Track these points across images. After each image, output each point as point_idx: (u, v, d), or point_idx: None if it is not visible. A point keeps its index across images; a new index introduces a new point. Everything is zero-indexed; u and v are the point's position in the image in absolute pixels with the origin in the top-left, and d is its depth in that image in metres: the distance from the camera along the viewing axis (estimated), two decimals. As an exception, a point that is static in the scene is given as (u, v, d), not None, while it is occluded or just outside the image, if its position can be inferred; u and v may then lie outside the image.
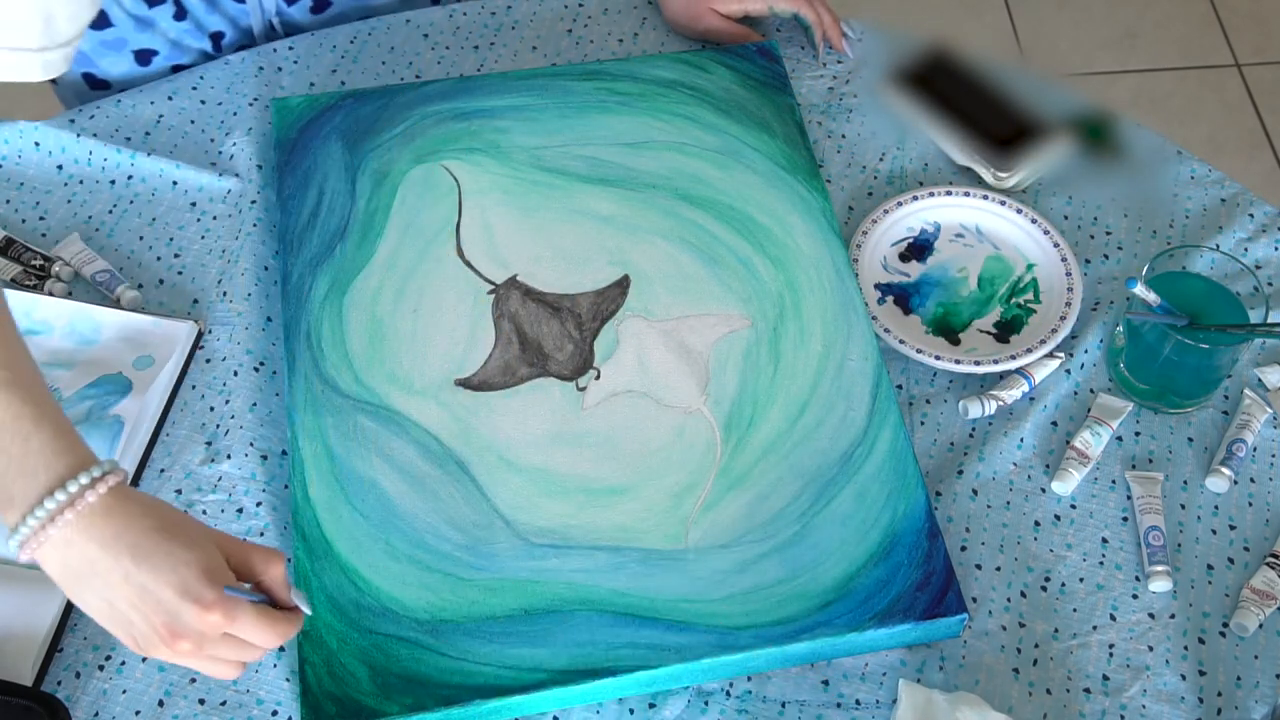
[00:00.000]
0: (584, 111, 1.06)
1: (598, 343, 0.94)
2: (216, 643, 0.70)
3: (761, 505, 0.87)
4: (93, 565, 0.68)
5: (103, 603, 0.69)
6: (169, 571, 0.68)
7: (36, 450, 0.68)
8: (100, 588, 0.68)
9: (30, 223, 1.02)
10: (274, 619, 0.72)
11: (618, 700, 0.83)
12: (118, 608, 0.69)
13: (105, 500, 0.68)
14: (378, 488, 0.87)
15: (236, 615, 0.70)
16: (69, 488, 0.68)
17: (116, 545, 0.68)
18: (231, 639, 0.71)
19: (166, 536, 0.69)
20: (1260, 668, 0.85)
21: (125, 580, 0.68)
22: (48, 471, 0.68)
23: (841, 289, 0.97)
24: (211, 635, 0.70)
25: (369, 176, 1.01)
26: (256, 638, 0.71)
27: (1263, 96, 2.21)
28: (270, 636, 0.72)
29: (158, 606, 0.68)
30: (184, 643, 0.69)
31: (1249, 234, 1.04)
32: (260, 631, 0.71)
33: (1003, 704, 0.83)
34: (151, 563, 0.68)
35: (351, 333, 0.93)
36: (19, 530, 0.68)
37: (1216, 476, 0.92)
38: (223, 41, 1.15)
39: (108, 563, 0.68)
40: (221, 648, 0.71)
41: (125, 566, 0.68)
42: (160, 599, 0.68)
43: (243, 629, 0.70)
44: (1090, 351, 0.98)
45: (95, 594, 0.69)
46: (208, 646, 0.70)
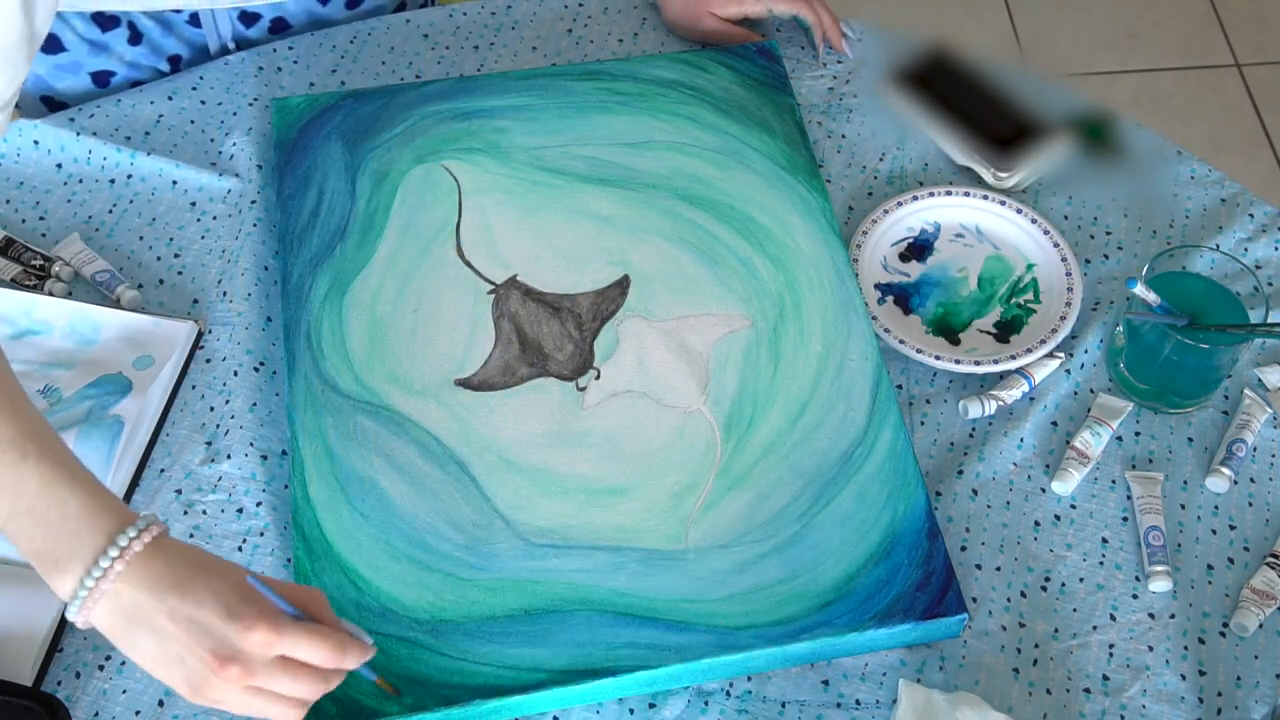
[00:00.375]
0: (584, 111, 1.06)
1: (598, 343, 0.94)
2: (269, 668, 0.68)
3: (761, 505, 0.87)
4: (140, 610, 0.68)
5: (154, 646, 0.68)
6: (210, 598, 0.68)
7: (76, 515, 0.69)
8: (150, 630, 0.68)
9: (30, 222, 1.02)
10: (324, 632, 0.69)
11: (618, 700, 0.83)
12: (168, 648, 0.68)
13: (148, 548, 0.69)
14: (378, 488, 0.87)
15: (282, 629, 0.68)
16: (119, 542, 0.69)
17: (160, 587, 0.68)
18: (286, 663, 0.69)
19: (206, 570, 0.70)
20: (1260, 668, 0.85)
21: (171, 617, 0.68)
22: (94, 533, 0.69)
23: (841, 289, 0.97)
24: (259, 656, 0.68)
25: (369, 176, 1.01)
26: (311, 652, 0.69)
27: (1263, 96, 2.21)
28: (326, 652, 0.69)
29: (203, 635, 0.67)
30: (232, 667, 0.67)
31: (1249, 234, 1.04)
32: (314, 645, 0.68)
33: (1003, 704, 0.83)
34: (195, 595, 0.68)
35: (351, 333, 0.93)
36: (78, 594, 0.68)
37: (1216, 476, 0.92)
38: (180, 64, 1.14)
39: (154, 604, 0.68)
40: (276, 675, 0.68)
41: (171, 604, 0.68)
42: (204, 625, 0.68)
43: (294, 645, 0.68)
44: (1090, 351, 0.98)
45: (146, 637, 0.68)
46: (259, 672, 0.68)
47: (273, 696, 0.69)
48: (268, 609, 0.69)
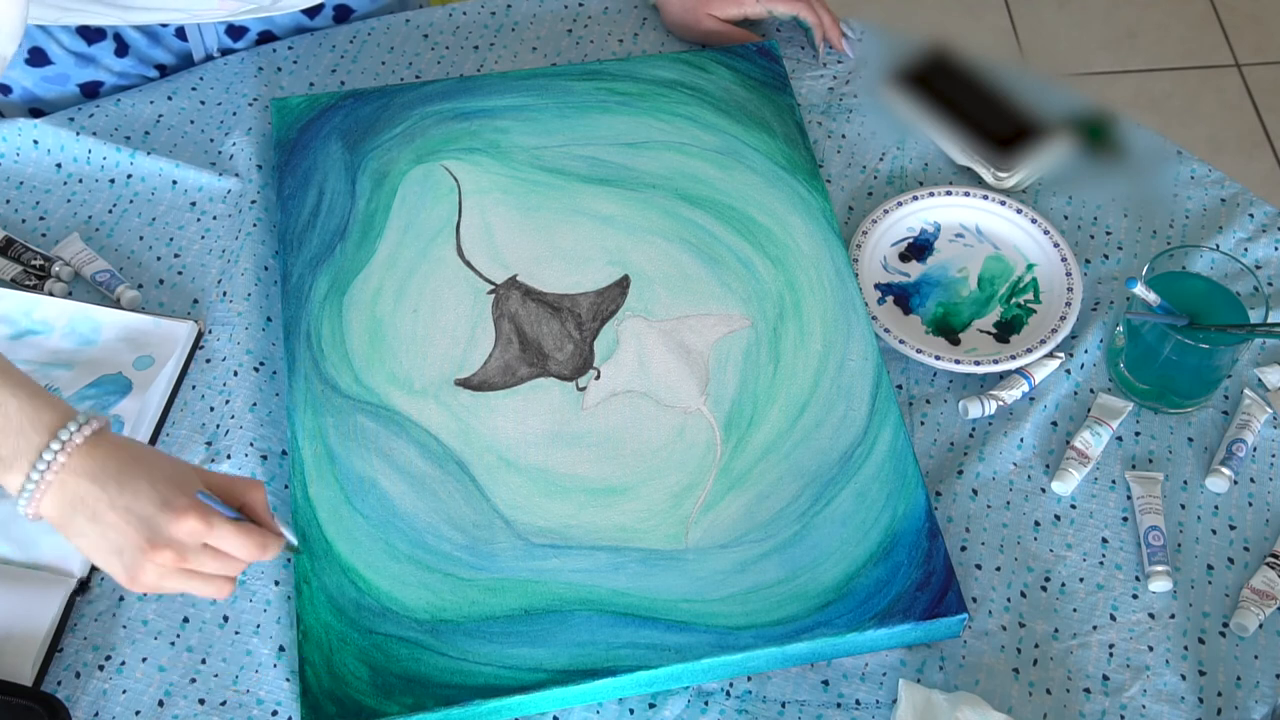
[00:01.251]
0: (584, 111, 1.06)
1: (598, 343, 0.94)
2: (198, 554, 0.73)
3: (761, 505, 0.87)
4: (83, 499, 0.72)
5: (96, 534, 0.72)
6: (147, 488, 0.72)
7: (17, 414, 0.72)
8: (90, 518, 0.72)
9: (30, 222, 1.02)
10: (251, 529, 0.74)
11: (618, 700, 0.83)
12: (108, 536, 0.72)
13: (90, 440, 0.73)
14: (378, 488, 0.87)
15: (212, 521, 0.72)
16: (61, 436, 0.72)
17: (102, 476, 0.72)
18: (212, 551, 0.73)
19: (144, 462, 0.74)
20: (1260, 668, 0.85)
21: (110, 506, 0.72)
22: (37, 430, 0.72)
23: (841, 289, 0.97)
24: (190, 543, 0.72)
25: (369, 176, 1.01)
26: (234, 546, 0.73)
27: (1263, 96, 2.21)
28: (249, 546, 0.73)
29: (138, 523, 0.72)
30: (165, 552, 0.71)
31: (1249, 234, 1.04)
32: (238, 539, 0.73)
33: (1003, 704, 0.83)
34: (132, 485, 0.72)
35: (351, 333, 0.93)
36: (25, 487, 0.72)
37: (1216, 476, 0.92)
38: (167, 72, 1.14)
39: (95, 492, 0.72)
40: (204, 559, 0.73)
41: (110, 493, 0.72)
42: (140, 514, 0.72)
43: (220, 537, 0.73)
44: (1090, 351, 0.98)
45: (88, 525, 0.72)
46: (189, 557, 0.72)
47: (201, 576, 0.74)
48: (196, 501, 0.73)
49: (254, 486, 0.76)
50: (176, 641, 0.84)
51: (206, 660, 0.84)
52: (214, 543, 0.73)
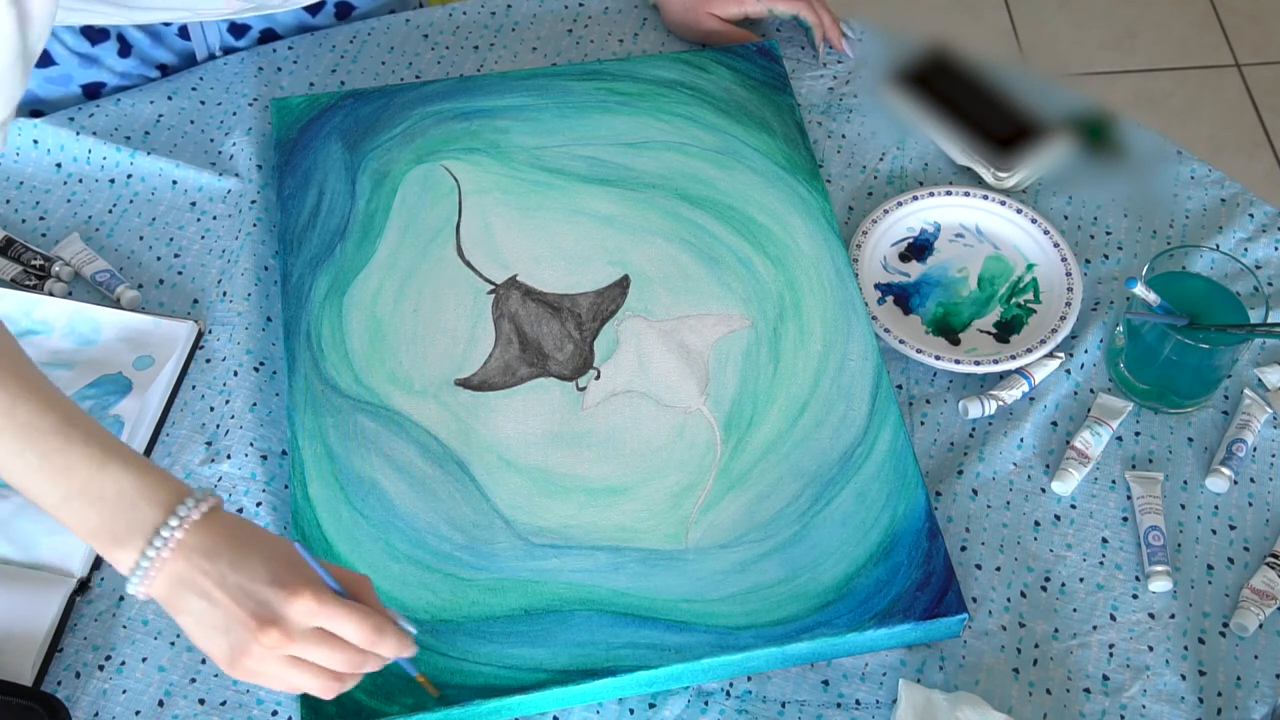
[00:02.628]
0: (584, 111, 1.06)
1: (598, 343, 0.94)
2: (308, 637, 0.70)
3: (761, 505, 0.87)
4: (194, 577, 0.70)
5: (203, 611, 0.70)
6: (261, 567, 0.70)
7: (131, 490, 0.71)
8: (200, 595, 0.70)
9: (30, 222, 1.02)
10: (367, 612, 0.71)
11: (618, 700, 0.83)
12: (214, 615, 0.70)
13: (205, 518, 0.71)
14: (378, 488, 0.87)
15: (324, 599, 0.69)
16: (179, 513, 0.71)
17: (214, 555, 0.70)
18: (323, 637, 0.70)
19: (258, 541, 0.72)
20: (1260, 668, 0.85)
21: (221, 584, 0.70)
22: (152, 506, 0.71)
23: (841, 289, 0.97)
24: (299, 623, 0.69)
25: (369, 176, 1.01)
26: (349, 628, 0.70)
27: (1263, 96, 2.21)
28: (365, 630, 0.70)
29: (248, 599, 0.69)
30: (272, 630, 0.68)
31: (1249, 234, 1.04)
32: (352, 621, 0.70)
33: (1003, 704, 0.83)
34: (246, 564, 0.70)
35: (351, 333, 0.93)
36: (140, 565, 0.70)
37: (1216, 476, 0.92)
38: (168, 72, 1.14)
39: (207, 568, 0.70)
40: (312, 644, 0.70)
41: (222, 571, 0.70)
42: (251, 591, 0.69)
43: (333, 617, 0.70)
44: (1090, 351, 0.98)
45: (197, 602, 0.70)
46: (298, 639, 0.69)
47: (308, 668, 0.71)
48: (313, 580, 0.70)
49: (362, 581, 0.73)
50: (176, 641, 0.84)
51: (206, 660, 0.84)
52: (327, 623, 0.70)
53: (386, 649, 0.71)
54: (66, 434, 0.71)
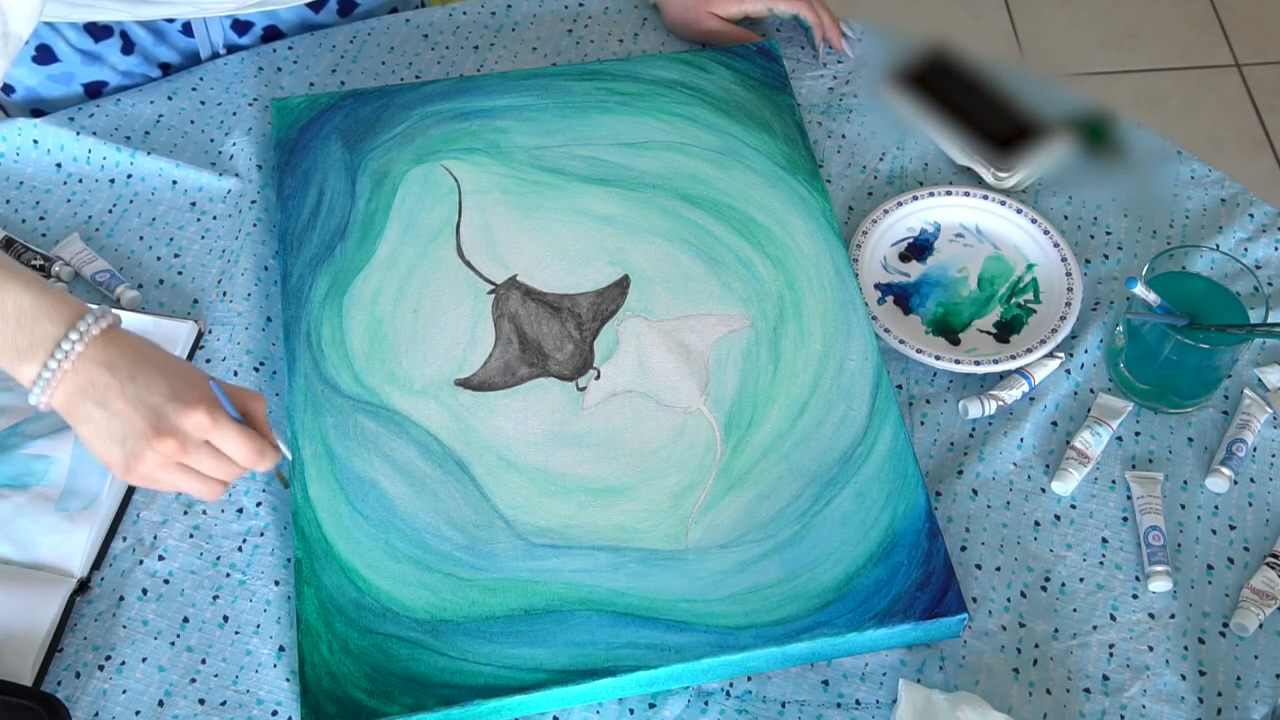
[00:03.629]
0: (584, 111, 1.06)
1: (598, 343, 0.94)
2: (199, 450, 0.75)
3: (761, 505, 0.87)
4: (94, 386, 0.74)
5: (102, 420, 0.74)
6: (159, 380, 0.75)
7: (32, 308, 0.74)
8: (99, 404, 0.74)
9: (30, 222, 1.02)
10: (253, 434, 0.76)
11: (618, 700, 0.83)
12: (112, 424, 0.74)
13: (105, 333, 0.75)
14: (378, 488, 0.87)
15: (218, 418, 0.75)
16: (80, 327, 0.74)
17: (115, 366, 0.74)
18: (212, 450, 0.75)
19: (157, 357, 0.76)
20: (1260, 668, 0.85)
21: (120, 394, 0.74)
22: (53, 322, 0.74)
23: (841, 289, 0.97)
24: (194, 436, 0.74)
25: (369, 176, 1.01)
26: (236, 446, 0.75)
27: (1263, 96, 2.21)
28: (249, 449, 0.76)
29: (147, 411, 0.74)
30: (168, 440, 0.73)
31: (1249, 234, 1.04)
32: (240, 440, 0.75)
33: (1003, 704, 0.83)
34: (144, 376, 0.75)
35: (351, 333, 0.93)
36: (42, 376, 0.74)
37: (1216, 476, 0.92)
38: (171, 71, 1.14)
39: (107, 379, 0.74)
40: (204, 456, 0.75)
41: (121, 381, 0.74)
42: (149, 403, 0.74)
43: (224, 434, 0.75)
44: (1090, 351, 0.98)
45: (96, 411, 0.74)
46: (191, 450, 0.74)
47: (195, 475, 0.76)
48: (208, 397, 0.75)
49: (256, 398, 0.78)
50: (176, 641, 0.84)
51: (206, 660, 0.84)
52: (217, 440, 0.75)
53: (264, 466, 0.77)
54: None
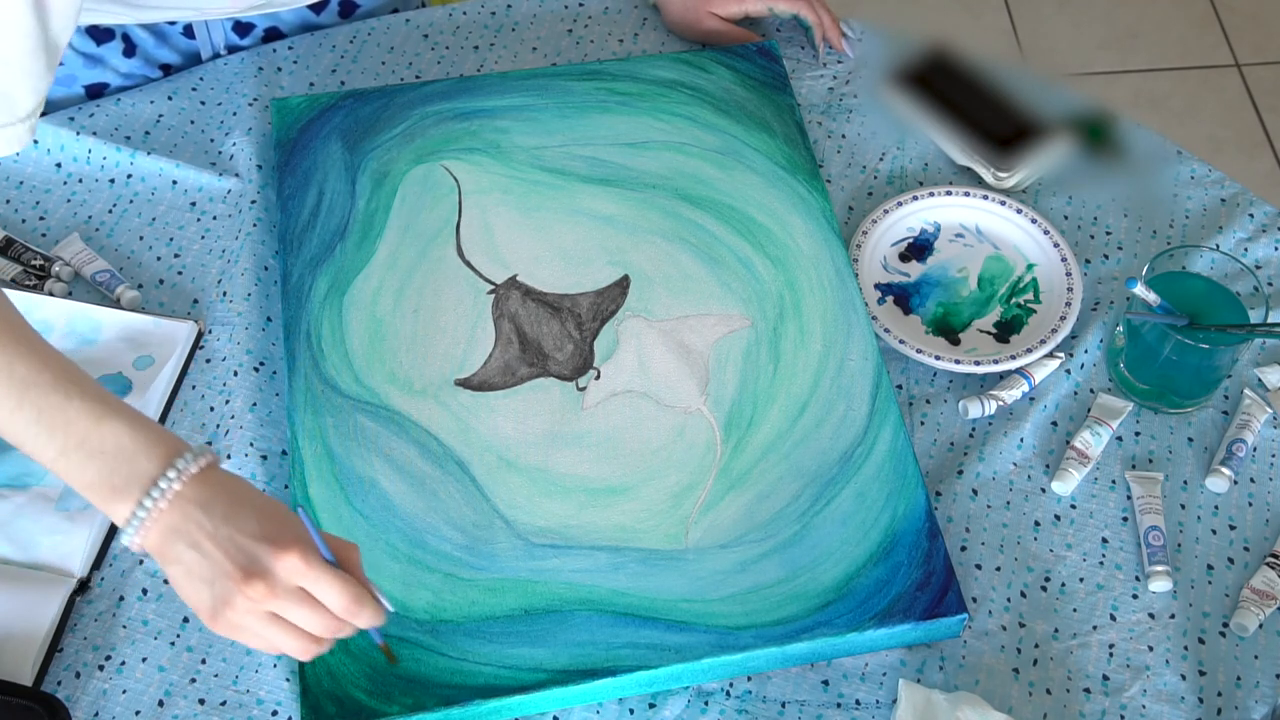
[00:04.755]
0: (584, 111, 1.06)
1: (598, 343, 0.94)
2: (290, 596, 0.70)
3: (761, 505, 0.87)
4: (188, 528, 0.71)
5: (193, 561, 0.71)
6: (254, 523, 0.71)
7: (130, 444, 0.72)
8: (191, 546, 0.71)
9: (30, 222, 1.02)
10: (350, 582, 0.72)
11: (618, 700, 0.83)
12: (203, 566, 0.71)
13: (203, 472, 0.73)
14: (378, 488, 0.87)
15: (312, 561, 0.71)
16: (178, 465, 0.72)
17: (210, 506, 0.71)
18: (305, 597, 0.71)
19: (253, 499, 0.73)
20: (1260, 668, 0.85)
21: (213, 537, 0.71)
22: (150, 459, 0.72)
23: (841, 289, 0.97)
24: (286, 580, 0.70)
25: (369, 176, 1.01)
26: (330, 594, 0.71)
27: (1263, 96, 2.21)
28: (345, 597, 0.71)
29: (238, 552, 0.70)
30: (258, 583, 0.69)
31: (1249, 234, 1.04)
32: (335, 588, 0.71)
33: (1003, 704, 0.83)
34: (239, 519, 0.71)
35: (351, 333, 0.93)
36: (137, 515, 0.71)
37: (1216, 476, 0.92)
38: (172, 72, 1.14)
39: (200, 519, 0.71)
40: (294, 604, 0.71)
41: (215, 523, 0.71)
42: (241, 545, 0.70)
43: (318, 579, 0.71)
44: (1090, 351, 0.98)
45: (187, 552, 0.71)
46: (281, 596, 0.70)
47: (287, 627, 0.71)
48: (303, 540, 0.71)
49: (350, 547, 0.74)
50: (176, 641, 0.84)
51: (206, 660, 0.84)
52: (310, 585, 0.71)
53: (363, 620, 0.72)
54: (65, 389, 0.73)
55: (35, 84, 0.81)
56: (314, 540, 0.72)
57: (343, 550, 0.74)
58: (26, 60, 0.79)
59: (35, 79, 0.80)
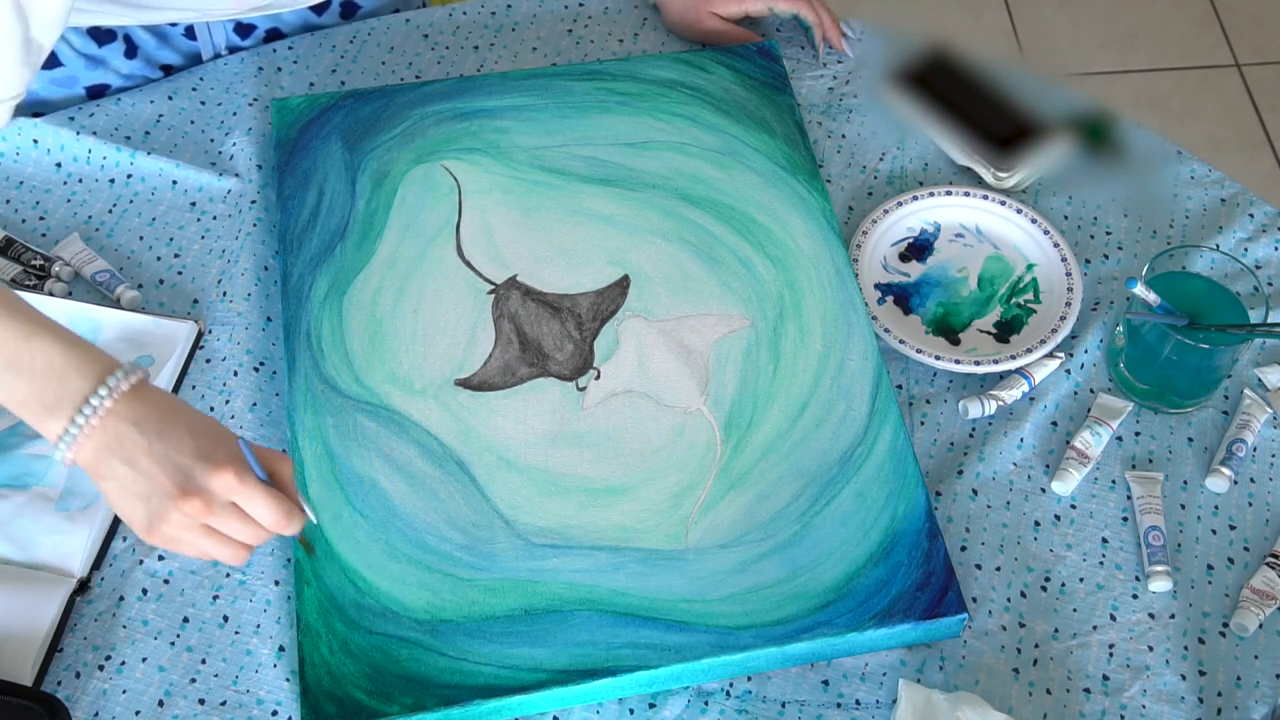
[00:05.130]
0: (584, 111, 1.06)
1: (598, 343, 0.94)
2: (224, 511, 0.73)
3: (761, 505, 0.87)
4: (122, 443, 0.73)
5: (127, 477, 0.73)
6: (187, 439, 0.73)
7: (61, 361, 0.73)
8: (125, 462, 0.73)
9: (30, 222, 1.02)
10: (280, 497, 0.74)
11: (618, 700, 0.83)
12: (138, 482, 0.72)
13: (134, 388, 0.74)
14: (378, 488, 0.87)
15: (246, 479, 0.73)
16: (109, 382, 0.73)
17: (144, 423, 0.73)
18: (237, 512, 0.74)
19: (186, 416, 0.75)
20: (1260, 668, 0.85)
21: (148, 452, 0.72)
22: (82, 376, 0.73)
23: (841, 289, 0.97)
24: (221, 497, 0.73)
25: (369, 176, 1.01)
26: (262, 508, 0.74)
27: (1263, 96, 2.21)
28: (276, 512, 0.74)
29: (174, 470, 0.72)
30: (194, 500, 0.71)
31: (1249, 234, 1.04)
32: (268, 502, 0.74)
33: (1003, 704, 0.83)
34: (173, 434, 0.73)
35: (351, 333, 0.93)
36: (69, 432, 0.72)
37: (1216, 476, 0.92)
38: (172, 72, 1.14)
39: (134, 437, 0.73)
40: (229, 519, 0.73)
41: (149, 439, 0.73)
42: (176, 462, 0.72)
43: (251, 496, 0.73)
44: (1090, 351, 0.98)
45: (122, 468, 0.73)
46: (216, 511, 0.72)
47: (219, 538, 0.74)
48: (237, 457, 0.74)
49: (283, 460, 0.77)
50: (176, 641, 0.84)
51: (206, 660, 0.84)
52: (244, 502, 0.73)
53: (290, 530, 0.75)
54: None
55: (10, 75, 0.82)
56: (246, 457, 0.74)
57: (274, 463, 0.76)
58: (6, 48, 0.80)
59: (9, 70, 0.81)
